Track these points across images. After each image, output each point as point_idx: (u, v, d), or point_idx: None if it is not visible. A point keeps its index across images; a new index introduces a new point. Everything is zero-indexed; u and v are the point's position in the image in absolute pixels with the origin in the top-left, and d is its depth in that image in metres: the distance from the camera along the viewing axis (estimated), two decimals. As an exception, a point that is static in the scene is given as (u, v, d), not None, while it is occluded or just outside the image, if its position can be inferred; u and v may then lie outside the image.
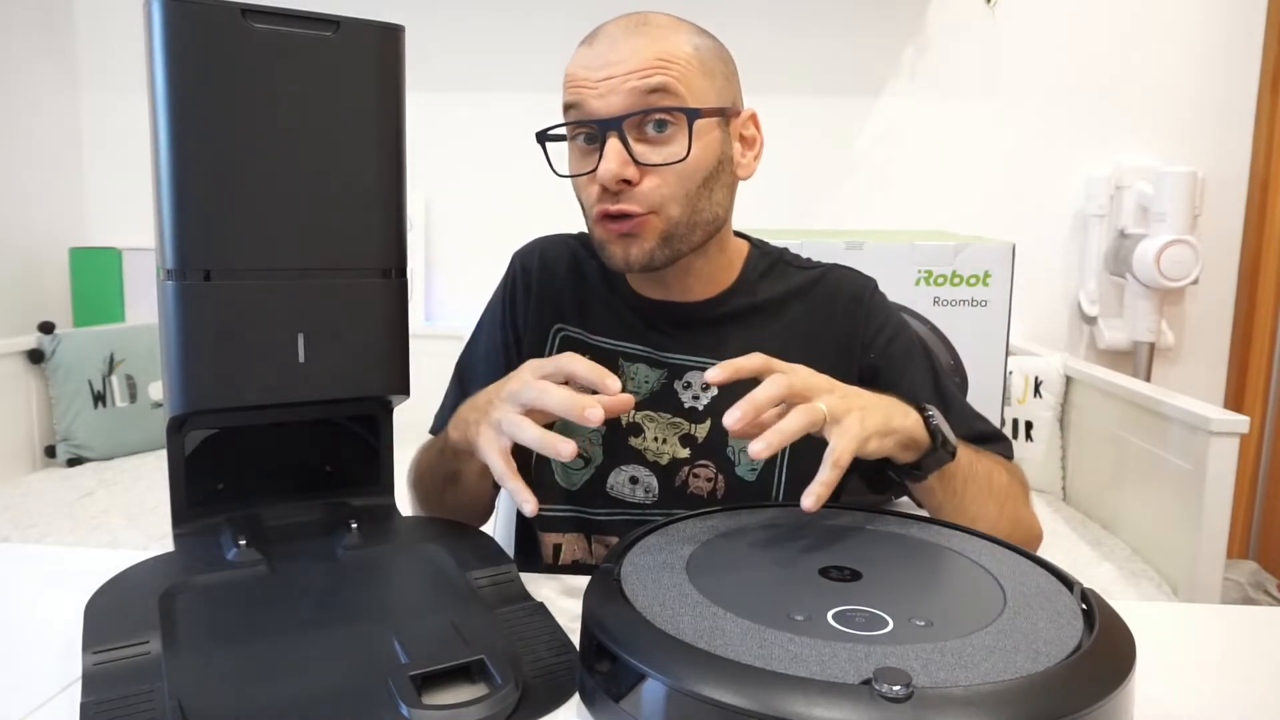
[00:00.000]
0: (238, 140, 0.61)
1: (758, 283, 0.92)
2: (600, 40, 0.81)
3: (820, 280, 0.92)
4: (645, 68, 0.78)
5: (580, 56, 0.82)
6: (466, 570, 0.67)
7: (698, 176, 0.81)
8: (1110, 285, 2.44)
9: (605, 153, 0.78)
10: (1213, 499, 1.60)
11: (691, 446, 0.88)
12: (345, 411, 0.73)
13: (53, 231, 2.61)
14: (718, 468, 0.87)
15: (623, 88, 0.78)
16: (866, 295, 0.92)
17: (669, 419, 0.88)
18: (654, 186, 0.80)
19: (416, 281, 2.65)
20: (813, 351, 0.88)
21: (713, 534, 0.68)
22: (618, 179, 0.78)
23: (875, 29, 2.46)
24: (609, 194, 0.80)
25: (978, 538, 0.68)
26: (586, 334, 0.92)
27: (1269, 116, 2.33)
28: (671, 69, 0.79)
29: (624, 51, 0.79)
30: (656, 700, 0.48)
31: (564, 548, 0.91)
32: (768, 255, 0.94)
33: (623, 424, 0.89)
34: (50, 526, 1.84)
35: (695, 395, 0.88)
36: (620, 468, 0.89)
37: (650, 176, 0.80)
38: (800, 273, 0.93)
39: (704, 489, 0.87)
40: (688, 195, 0.81)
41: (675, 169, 0.80)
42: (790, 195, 2.49)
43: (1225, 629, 0.73)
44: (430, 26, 2.55)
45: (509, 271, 0.98)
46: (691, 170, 0.80)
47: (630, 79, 0.78)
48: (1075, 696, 0.46)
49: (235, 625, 0.59)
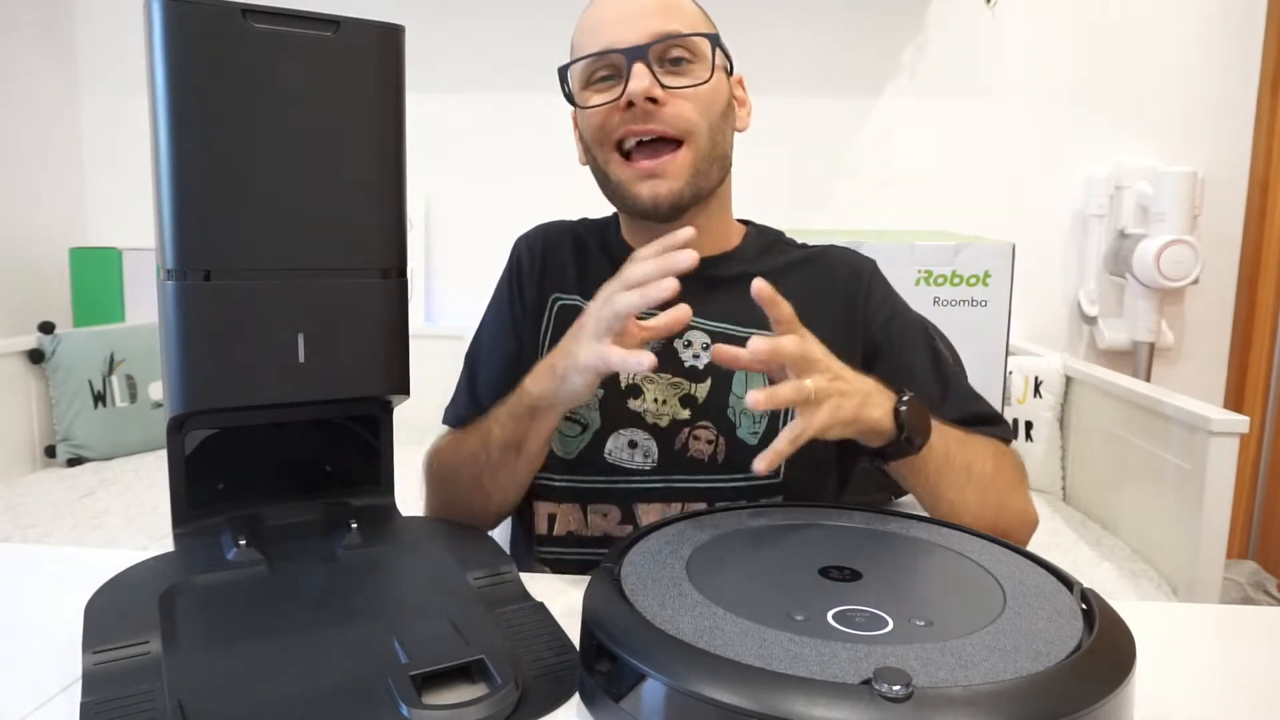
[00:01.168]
0: (238, 140, 0.61)
1: (756, 255, 0.94)
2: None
3: (819, 257, 0.95)
4: (660, 11, 0.84)
5: (594, 8, 0.87)
6: (466, 570, 0.67)
7: (718, 106, 0.86)
8: (1110, 285, 2.44)
9: (633, 73, 0.81)
10: (1213, 499, 1.60)
11: (692, 407, 0.88)
12: (345, 411, 0.73)
13: (53, 231, 2.61)
14: (718, 429, 0.87)
15: (642, 24, 0.83)
16: (866, 273, 0.94)
17: (669, 379, 0.89)
18: (680, 110, 0.83)
19: (416, 281, 2.65)
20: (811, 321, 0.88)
21: (713, 534, 0.68)
22: (647, 94, 0.81)
23: (875, 29, 2.46)
24: (637, 115, 0.83)
25: (978, 538, 0.68)
26: (584, 300, 0.92)
27: (1269, 116, 2.33)
28: (683, 14, 0.85)
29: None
30: (656, 700, 0.49)
31: (558, 518, 0.90)
32: (765, 234, 0.98)
33: (622, 385, 0.89)
34: (50, 526, 1.84)
35: (695, 354, 0.89)
36: (619, 432, 0.88)
37: (676, 99, 0.83)
38: (799, 250, 0.96)
39: (704, 451, 0.87)
40: (710, 124, 0.85)
41: (699, 92, 0.84)
42: (790, 195, 2.49)
43: (1225, 629, 0.73)
44: (430, 26, 2.55)
45: (513, 255, 0.98)
46: (712, 96, 0.85)
47: (649, 17, 0.83)
48: (1075, 696, 0.46)
49: (235, 625, 0.59)
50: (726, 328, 0.89)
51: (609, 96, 0.84)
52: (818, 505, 0.75)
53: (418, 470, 0.92)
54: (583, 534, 0.89)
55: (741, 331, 0.89)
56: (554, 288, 0.94)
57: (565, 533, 0.90)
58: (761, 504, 0.75)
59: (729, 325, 0.89)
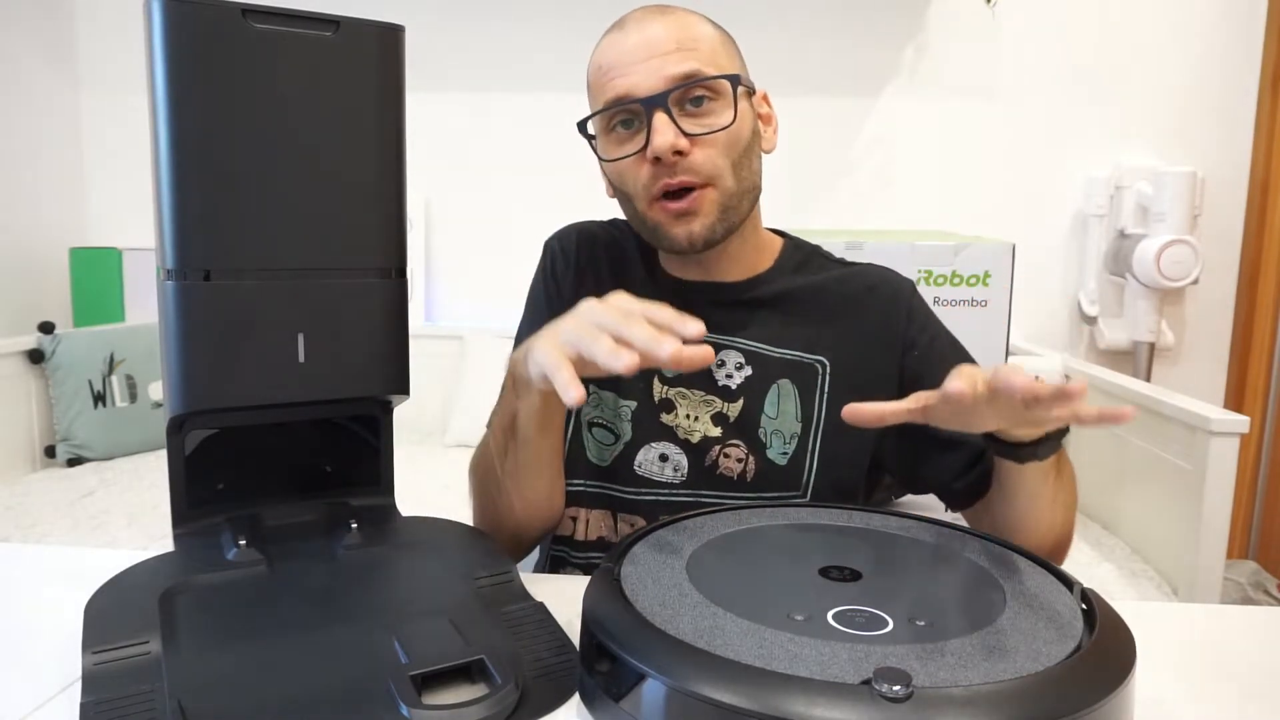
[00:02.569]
0: (238, 140, 0.61)
1: (792, 273, 0.93)
2: (629, 26, 0.84)
3: (857, 276, 0.93)
4: (680, 47, 0.82)
5: (612, 41, 0.85)
6: (466, 570, 0.67)
7: (741, 144, 0.85)
8: (1110, 285, 2.44)
9: (655, 126, 0.80)
10: (1213, 499, 1.60)
11: (723, 425, 0.88)
12: (345, 411, 0.73)
13: (53, 231, 2.61)
14: (749, 448, 0.87)
15: (661, 69, 0.81)
16: (906, 294, 0.92)
17: (702, 396, 0.89)
18: (706, 156, 0.82)
19: (416, 281, 2.65)
20: (848, 342, 0.89)
21: (713, 534, 0.68)
22: (674, 148, 0.80)
23: (875, 29, 2.46)
24: (664, 169, 0.82)
25: (978, 538, 0.68)
26: None
27: (1269, 116, 2.33)
28: (702, 47, 0.83)
29: (655, 34, 0.82)
30: (656, 700, 0.48)
31: (590, 524, 0.90)
32: (802, 249, 0.97)
33: (655, 399, 0.89)
34: (50, 526, 1.84)
35: (729, 374, 0.89)
36: (650, 444, 0.88)
37: (700, 147, 0.82)
38: (837, 266, 0.95)
39: (734, 469, 0.87)
40: (735, 164, 0.84)
41: (722, 136, 0.82)
42: (790, 195, 2.49)
43: (1225, 629, 0.72)
44: (430, 26, 2.55)
45: (546, 256, 0.98)
46: (736, 137, 0.84)
47: (667, 60, 0.81)
48: (1075, 696, 0.46)
49: (235, 625, 0.59)
50: (761, 348, 0.89)
51: (632, 147, 0.83)
52: (818, 505, 0.75)
53: (418, 470, 0.92)
54: (612, 540, 0.89)
55: (776, 352, 0.89)
56: (590, 291, 0.93)
57: (596, 539, 0.90)
58: (762, 504, 0.75)
59: (764, 345, 0.89)
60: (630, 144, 0.84)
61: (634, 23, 0.84)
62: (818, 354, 0.89)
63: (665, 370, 0.89)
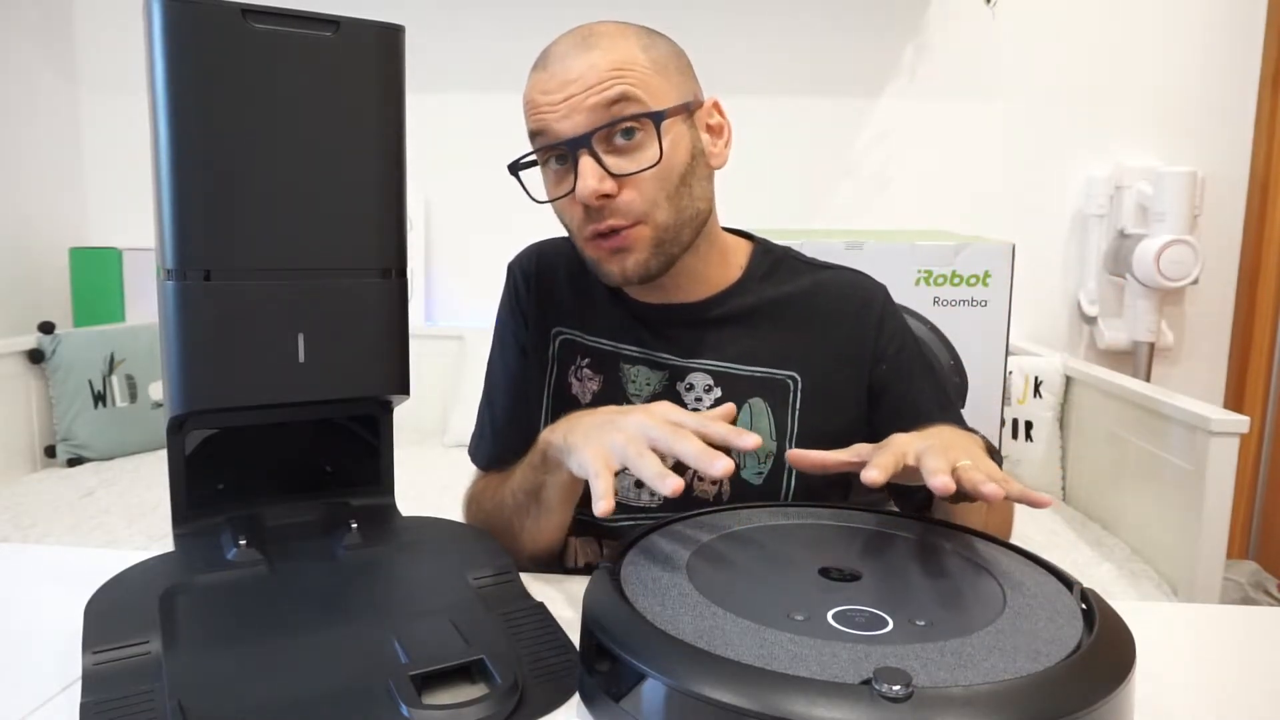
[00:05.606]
0: (238, 140, 0.61)
1: (760, 283, 0.90)
2: (552, 61, 0.81)
3: (828, 283, 0.91)
4: (602, 80, 0.78)
5: (536, 81, 0.82)
6: (467, 570, 0.67)
7: (674, 176, 0.81)
8: (1110, 285, 2.44)
9: (580, 171, 0.78)
10: (1213, 499, 1.60)
11: None
12: (345, 411, 0.73)
13: (53, 231, 2.61)
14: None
15: (584, 105, 0.78)
16: (878, 303, 0.90)
17: None
18: (635, 196, 0.79)
19: (416, 281, 2.65)
20: (818, 354, 0.87)
21: (713, 534, 0.68)
22: (597, 195, 0.78)
23: (875, 29, 2.46)
24: (592, 211, 0.80)
25: (978, 538, 0.68)
26: (586, 336, 0.92)
27: (1269, 116, 2.33)
28: (628, 76, 0.78)
29: (579, 68, 0.78)
30: (656, 700, 0.49)
31: (577, 550, 0.91)
32: (770, 254, 0.93)
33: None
34: (50, 526, 1.84)
35: (698, 397, 0.88)
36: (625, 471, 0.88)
37: (629, 187, 0.79)
38: (807, 273, 0.92)
39: (709, 492, 0.87)
40: (669, 197, 0.81)
41: (651, 174, 0.79)
42: (790, 195, 2.49)
43: (1225, 629, 0.73)
44: (430, 26, 2.55)
45: (509, 281, 0.97)
46: (667, 172, 0.80)
47: (590, 94, 0.78)
48: (1075, 696, 0.46)
49: (235, 625, 0.59)
50: (730, 367, 0.88)
51: (565, 186, 0.81)
52: (818, 505, 0.75)
53: (418, 470, 0.92)
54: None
55: (745, 370, 0.87)
56: (555, 320, 0.93)
57: (584, 565, 0.91)
58: (761, 505, 0.75)
59: (733, 364, 0.88)
60: (565, 183, 0.81)
61: (557, 59, 0.80)
62: (789, 369, 0.87)
63: (632, 393, 0.89)
